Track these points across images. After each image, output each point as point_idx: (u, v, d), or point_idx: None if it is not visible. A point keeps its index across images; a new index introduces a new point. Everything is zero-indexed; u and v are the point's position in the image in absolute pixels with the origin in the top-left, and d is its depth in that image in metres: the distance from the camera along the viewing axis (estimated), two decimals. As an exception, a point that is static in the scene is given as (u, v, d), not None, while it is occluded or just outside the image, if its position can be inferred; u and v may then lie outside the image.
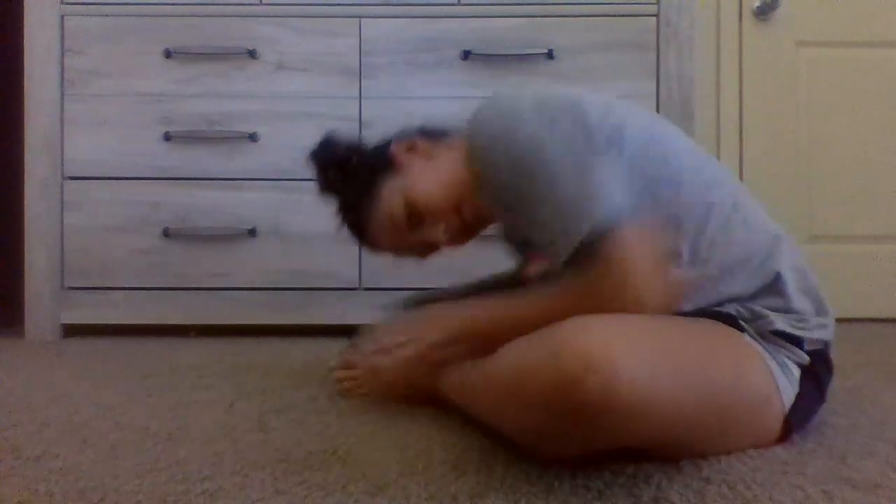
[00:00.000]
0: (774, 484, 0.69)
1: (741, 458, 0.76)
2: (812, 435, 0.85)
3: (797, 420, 0.81)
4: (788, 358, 0.80)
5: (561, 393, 0.64)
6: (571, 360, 0.64)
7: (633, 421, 0.65)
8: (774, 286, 0.83)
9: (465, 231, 0.99)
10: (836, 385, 1.11)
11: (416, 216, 0.96)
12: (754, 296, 0.83)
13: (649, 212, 0.81)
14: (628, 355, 0.65)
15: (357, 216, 1.02)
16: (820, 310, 0.85)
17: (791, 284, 0.84)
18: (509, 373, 0.72)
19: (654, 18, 1.66)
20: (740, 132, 1.96)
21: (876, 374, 1.23)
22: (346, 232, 1.06)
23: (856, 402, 1.02)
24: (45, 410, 1.00)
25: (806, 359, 0.80)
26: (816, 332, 0.83)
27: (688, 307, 0.82)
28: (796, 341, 0.81)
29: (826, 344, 0.84)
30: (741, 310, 0.82)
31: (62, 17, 1.66)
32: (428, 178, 0.96)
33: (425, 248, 1.02)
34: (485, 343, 0.86)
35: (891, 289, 1.94)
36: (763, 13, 1.93)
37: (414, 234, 0.98)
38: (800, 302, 0.84)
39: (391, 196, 0.97)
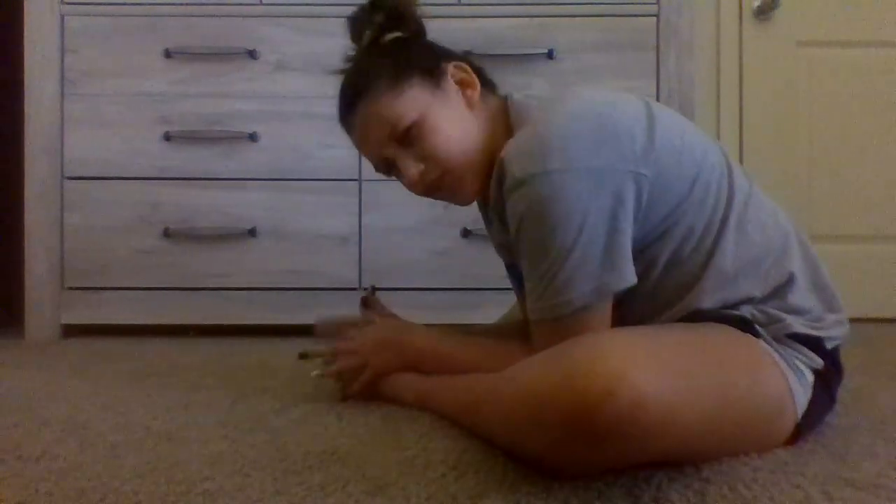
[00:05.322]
0: (774, 484, 0.69)
1: (741, 458, 0.76)
2: (812, 435, 0.85)
3: (807, 426, 0.81)
4: (803, 362, 0.79)
5: (581, 417, 0.62)
6: (591, 383, 0.62)
7: (652, 443, 0.64)
8: (787, 286, 0.81)
9: (435, 187, 0.92)
10: (836, 385, 1.12)
11: (411, 139, 0.89)
12: (767, 297, 0.81)
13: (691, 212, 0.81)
14: (649, 377, 0.63)
15: (365, 87, 0.91)
16: (833, 306, 0.84)
17: (803, 283, 0.82)
18: (523, 394, 0.70)
19: (654, 18, 1.66)
20: (740, 132, 1.96)
21: (876, 374, 1.23)
22: (335, 88, 0.96)
23: (856, 402, 1.02)
24: (45, 410, 1.00)
25: (820, 363, 0.79)
26: (834, 329, 0.82)
27: (706, 304, 0.81)
28: (813, 343, 0.80)
29: (838, 345, 0.84)
30: (756, 313, 0.80)
31: (62, 17, 1.66)
32: (453, 123, 0.89)
33: (385, 166, 0.94)
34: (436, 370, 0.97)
35: (891, 289, 1.94)
36: (763, 13, 1.93)
37: (392, 146, 0.91)
38: (813, 301, 0.83)
39: (410, 103, 0.88)
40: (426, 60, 0.92)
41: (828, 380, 0.82)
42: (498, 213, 0.88)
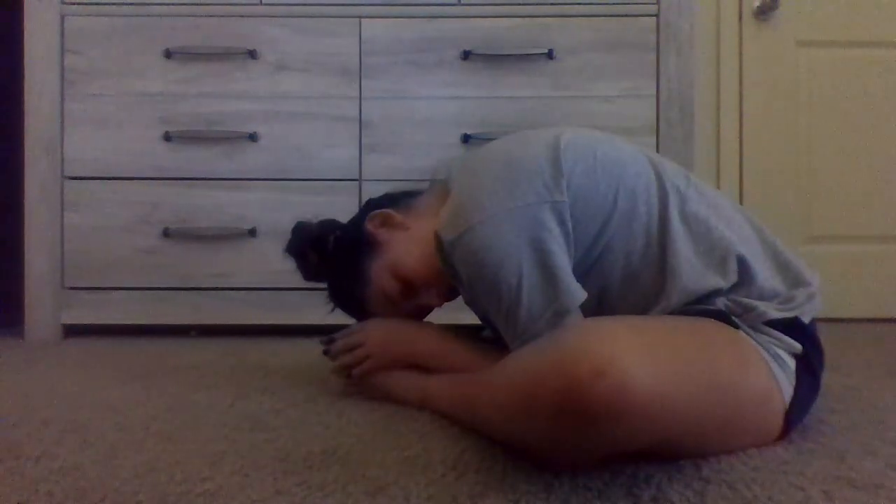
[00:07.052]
0: (774, 484, 0.69)
1: (741, 458, 0.76)
2: (812, 435, 0.85)
3: (797, 412, 0.81)
4: (782, 349, 0.80)
5: (571, 398, 0.63)
6: (580, 366, 0.63)
7: (642, 424, 0.65)
8: (750, 273, 0.83)
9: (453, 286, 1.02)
10: (836, 384, 1.12)
11: (409, 288, 1.00)
12: (734, 287, 0.83)
13: (622, 220, 0.84)
14: (637, 359, 0.64)
15: (351, 298, 1.06)
16: (800, 281, 0.85)
17: (766, 267, 0.84)
18: (516, 381, 0.72)
19: (654, 18, 1.66)
20: (740, 132, 1.96)
21: (876, 374, 1.23)
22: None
23: (856, 402, 1.02)
24: (45, 410, 1.00)
25: (798, 347, 0.80)
26: (807, 305, 0.83)
27: (676, 305, 0.82)
28: (790, 324, 0.81)
29: (812, 320, 0.84)
30: (729, 304, 0.81)
31: (62, 17, 1.66)
32: (411, 252, 0.99)
33: (424, 309, 1.06)
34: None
35: (891, 289, 1.94)
36: (763, 13, 1.93)
37: (410, 301, 1.02)
38: (778, 282, 0.84)
39: (381, 276, 1.00)
40: (356, 243, 1.03)
41: (810, 363, 0.82)
42: (452, 279, 0.94)
